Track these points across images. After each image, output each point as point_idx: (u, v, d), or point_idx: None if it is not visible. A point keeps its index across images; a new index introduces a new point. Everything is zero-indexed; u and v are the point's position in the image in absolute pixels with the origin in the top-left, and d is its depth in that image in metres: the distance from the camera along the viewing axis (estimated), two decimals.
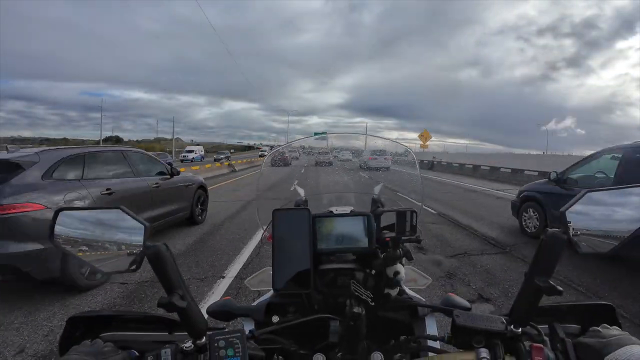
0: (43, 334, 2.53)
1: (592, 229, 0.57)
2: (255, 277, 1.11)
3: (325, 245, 0.72)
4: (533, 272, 0.54)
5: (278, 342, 0.65)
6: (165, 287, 0.54)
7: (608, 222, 0.57)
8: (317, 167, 1.75)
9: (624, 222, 0.57)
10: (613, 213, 0.58)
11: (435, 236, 5.29)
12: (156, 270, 0.54)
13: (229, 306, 0.76)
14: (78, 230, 0.56)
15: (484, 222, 6.33)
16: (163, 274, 0.54)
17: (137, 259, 0.55)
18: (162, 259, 0.54)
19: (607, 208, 0.58)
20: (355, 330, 0.58)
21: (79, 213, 0.57)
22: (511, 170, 15.94)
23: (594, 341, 0.53)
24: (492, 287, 3.40)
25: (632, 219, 0.57)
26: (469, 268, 3.95)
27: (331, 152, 1.69)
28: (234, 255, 4.31)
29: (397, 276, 0.73)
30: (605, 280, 3.66)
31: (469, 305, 0.75)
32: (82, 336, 0.65)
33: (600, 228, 0.57)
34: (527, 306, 0.56)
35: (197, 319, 0.55)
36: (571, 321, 0.68)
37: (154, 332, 0.69)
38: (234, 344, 0.53)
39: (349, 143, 1.64)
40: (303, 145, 1.62)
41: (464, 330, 0.57)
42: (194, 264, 4.02)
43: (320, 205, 0.99)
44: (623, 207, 0.58)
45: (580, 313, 0.69)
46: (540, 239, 0.55)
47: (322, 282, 0.75)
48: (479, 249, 4.74)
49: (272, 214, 0.70)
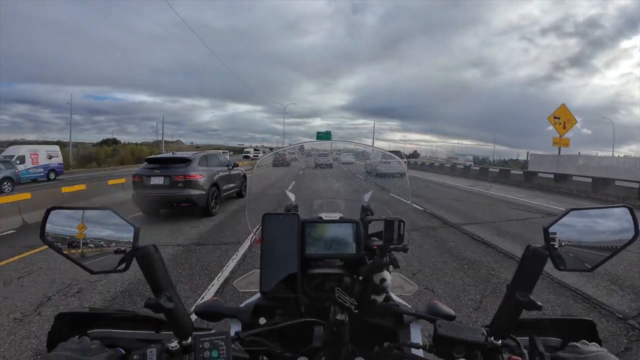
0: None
1: (574, 246, 0.58)
2: (244, 278, 1.12)
3: (313, 250, 0.72)
4: (514, 287, 0.56)
5: (263, 345, 0.66)
6: (152, 288, 0.55)
7: (590, 240, 0.59)
8: (315, 170, 1.76)
9: (606, 240, 0.59)
10: (595, 231, 0.59)
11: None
12: (144, 270, 0.55)
13: (217, 307, 0.77)
14: (68, 229, 0.57)
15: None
16: (151, 275, 0.54)
17: (127, 259, 0.55)
18: (150, 260, 0.54)
19: (589, 226, 0.59)
20: (339, 336, 0.59)
21: (70, 212, 0.58)
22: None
23: (572, 356, 0.53)
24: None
25: (613, 237, 0.59)
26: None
27: (331, 154, 1.70)
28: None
29: (384, 283, 0.73)
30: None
31: (454, 314, 0.76)
32: (70, 332, 0.66)
33: (582, 246, 0.58)
34: (508, 319, 0.57)
35: (184, 320, 0.56)
36: (552, 335, 0.69)
37: (141, 331, 0.70)
38: (218, 345, 0.54)
39: (347, 147, 1.68)
40: (303, 146, 1.63)
41: (445, 340, 0.58)
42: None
43: (311, 211, 1.00)
44: (605, 225, 0.59)
45: (561, 327, 0.70)
46: (522, 254, 0.56)
47: (309, 286, 0.76)
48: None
49: (262, 218, 0.71)
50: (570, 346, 0.56)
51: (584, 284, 3.71)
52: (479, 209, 8.65)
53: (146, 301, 0.54)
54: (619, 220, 0.59)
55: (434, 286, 3.69)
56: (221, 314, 0.77)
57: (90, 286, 3.71)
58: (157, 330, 0.70)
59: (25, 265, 4.57)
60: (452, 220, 7.04)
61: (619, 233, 0.58)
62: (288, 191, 1.16)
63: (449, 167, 25.51)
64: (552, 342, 0.68)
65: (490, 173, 18.72)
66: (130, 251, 0.55)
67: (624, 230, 0.58)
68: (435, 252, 4.95)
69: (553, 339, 0.69)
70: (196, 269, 4.27)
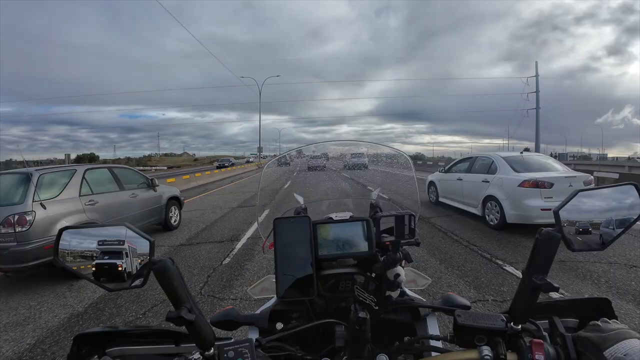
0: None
1: (583, 226, 0.59)
2: (257, 285, 1.11)
3: (326, 251, 0.73)
4: (530, 271, 0.56)
5: (284, 349, 0.66)
6: (172, 301, 0.55)
7: (599, 219, 0.60)
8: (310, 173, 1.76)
9: (615, 218, 0.60)
10: (603, 211, 0.60)
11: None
12: (163, 284, 0.54)
13: (233, 315, 0.77)
14: (83, 247, 0.57)
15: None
16: (170, 288, 0.54)
17: (144, 273, 0.55)
18: (168, 273, 0.54)
19: (597, 206, 0.60)
20: (361, 334, 0.59)
21: (84, 231, 0.58)
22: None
23: (593, 335, 0.53)
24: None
25: (621, 215, 0.60)
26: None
27: (343, 158, 1.69)
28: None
29: (398, 278, 0.74)
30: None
31: (469, 304, 0.76)
32: (89, 353, 0.65)
33: (592, 226, 0.60)
34: (526, 303, 0.57)
35: (205, 330, 0.56)
36: (569, 316, 0.70)
37: (161, 345, 0.69)
38: (243, 353, 0.54)
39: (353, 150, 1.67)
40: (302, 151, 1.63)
41: (466, 329, 0.58)
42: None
43: (320, 212, 1.00)
44: (612, 204, 0.60)
45: (578, 308, 0.71)
46: (535, 238, 0.57)
47: (324, 288, 0.76)
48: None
49: (272, 222, 0.71)
50: (592, 325, 0.57)
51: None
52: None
53: (168, 314, 0.53)
54: (626, 198, 0.60)
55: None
56: (238, 323, 0.77)
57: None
58: (177, 343, 0.69)
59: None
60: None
61: (627, 210, 0.59)
62: (296, 194, 1.16)
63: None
64: (570, 323, 0.69)
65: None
66: (147, 265, 0.55)
67: (631, 207, 0.59)
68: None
69: (571, 320, 0.70)
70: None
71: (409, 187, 1.10)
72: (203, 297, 3.38)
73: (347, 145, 1.47)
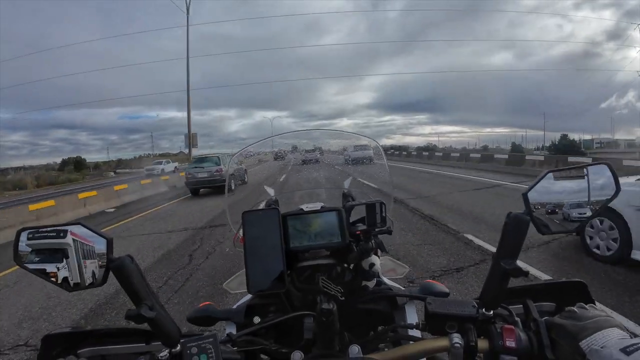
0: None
1: (555, 208, 0.57)
2: (234, 279, 1.11)
3: (298, 243, 0.71)
4: (499, 255, 0.55)
5: (258, 343, 0.65)
6: (132, 299, 0.54)
7: (571, 200, 0.58)
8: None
9: (587, 199, 0.58)
10: (575, 191, 0.58)
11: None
12: (122, 282, 0.53)
13: (209, 311, 0.76)
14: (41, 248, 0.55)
15: None
16: (129, 286, 0.53)
17: (102, 272, 0.54)
18: (127, 271, 0.53)
19: (568, 187, 0.58)
20: (328, 326, 0.58)
21: (40, 231, 0.56)
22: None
23: (569, 323, 0.51)
24: None
25: (594, 195, 0.58)
26: None
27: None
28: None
29: (373, 268, 0.73)
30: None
31: (447, 291, 0.75)
32: (59, 354, 0.64)
33: (564, 207, 0.58)
34: (496, 289, 0.56)
35: (169, 327, 0.55)
36: (545, 299, 0.69)
37: (131, 344, 0.68)
38: (207, 349, 0.53)
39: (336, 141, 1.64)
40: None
41: (437, 317, 0.57)
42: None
43: (293, 203, 0.99)
44: (584, 184, 0.58)
45: (555, 291, 0.70)
46: (504, 222, 0.55)
47: (300, 280, 0.75)
48: None
49: (241, 215, 0.69)
50: (568, 311, 0.54)
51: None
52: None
53: (127, 313, 0.52)
54: (599, 177, 0.58)
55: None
56: (215, 318, 0.76)
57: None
58: (148, 342, 0.69)
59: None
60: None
61: (600, 190, 0.58)
62: (266, 186, 1.14)
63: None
64: (546, 307, 0.68)
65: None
66: (106, 264, 0.54)
67: (604, 187, 0.57)
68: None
69: (547, 303, 0.68)
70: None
71: (381, 174, 1.09)
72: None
73: (309, 137, 1.43)
